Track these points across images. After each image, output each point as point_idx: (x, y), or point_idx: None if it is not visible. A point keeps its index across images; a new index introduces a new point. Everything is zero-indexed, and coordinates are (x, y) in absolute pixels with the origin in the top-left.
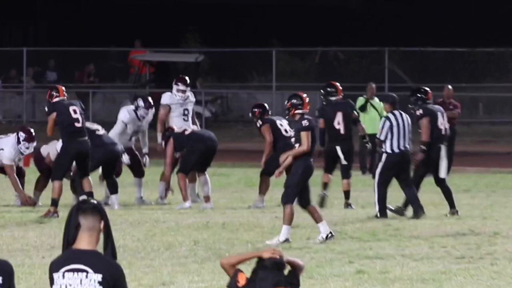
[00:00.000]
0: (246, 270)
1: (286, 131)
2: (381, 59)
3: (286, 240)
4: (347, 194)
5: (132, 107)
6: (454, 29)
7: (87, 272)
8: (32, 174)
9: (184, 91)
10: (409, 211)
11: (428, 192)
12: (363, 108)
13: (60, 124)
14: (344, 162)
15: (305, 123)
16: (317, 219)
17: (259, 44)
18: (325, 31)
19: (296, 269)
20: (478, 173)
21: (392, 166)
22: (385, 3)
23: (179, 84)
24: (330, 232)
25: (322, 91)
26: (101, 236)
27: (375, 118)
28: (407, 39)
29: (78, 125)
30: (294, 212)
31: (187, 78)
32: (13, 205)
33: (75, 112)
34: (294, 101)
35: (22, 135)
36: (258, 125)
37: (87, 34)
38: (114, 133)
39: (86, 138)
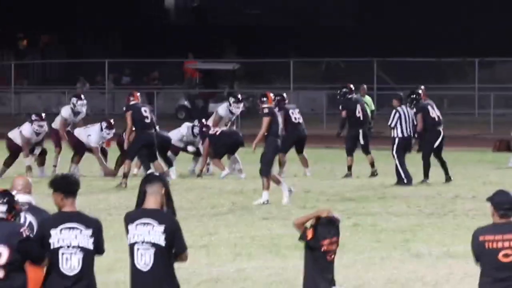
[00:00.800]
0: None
1: (295, 118)
2: (371, 66)
3: (267, 202)
4: (372, 164)
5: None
6: (425, 43)
7: (153, 225)
8: (113, 153)
9: (238, 109)
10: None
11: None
12: None
13: (134, 119)
14: (362, 142)
15: (265, 111)
16: (277, 182)
17: (280, 56)
18: (329, 45)
19: (337, 223)
20: (446, 151)
21: (404, 146)
22: (374, 23)
23: (239, 104)
24: (290, 189)
25: (340, 91)
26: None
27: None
28: (390, 51)
29: (147, 121)
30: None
31: (242, 100)
32: (98, 176)
33: (145, 111)
34: (262, 99)
35: (104, 124)
36: (265, 111)
37: (152, 48)
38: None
39: (153, 131)
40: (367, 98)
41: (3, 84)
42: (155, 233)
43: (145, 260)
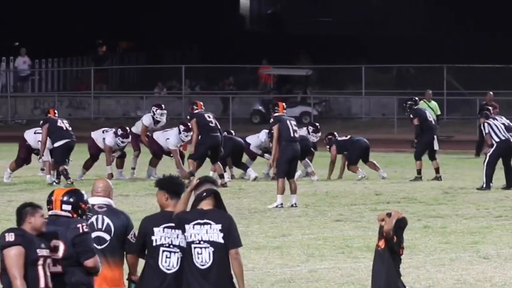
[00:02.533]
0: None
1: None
2: (441, 72)
3: (281, 205)
4: (437, 170)
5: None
6: (494, 49)
7: (210, 224)
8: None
9: (163, 117)
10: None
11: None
12: None
13: (199, 125)
14: (436, 147)
15: (272, 119)
16: (293, 190)
17: (353, 62)
18: (399, 52)
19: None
20: None
21: (500, 152)
22: (443, 30)
23: (162, 113)
24: (295, 203)
25: (406, 104)
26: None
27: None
28: (460, 57)
29: (211, 125)
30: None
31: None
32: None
33: (209, 117)
34: (275, 108)
35: (182, 127)
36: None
37: (228, 54)
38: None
39: (218, 134)
40: (433, 103)
41: (84, 89)
42: (213, 231)
43: (203, 258)
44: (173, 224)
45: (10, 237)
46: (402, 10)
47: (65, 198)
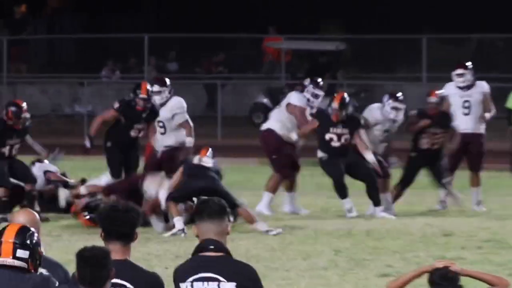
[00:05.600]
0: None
1: None
2: None
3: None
4: None
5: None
6: None
7: (219, 281)
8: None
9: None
10: None
11: None
12: None
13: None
14: None
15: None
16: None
17: (408, 31)
18: (482, 15)
19: (491, 284)
20: None
21: None
22: None
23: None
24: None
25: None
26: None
27: None
28: None
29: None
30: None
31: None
32: None
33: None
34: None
35: None
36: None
37: (214, 19)
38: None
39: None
40: None
41: None
42: None
43: None
44: None
45: None
46: None
47: (19, 241)
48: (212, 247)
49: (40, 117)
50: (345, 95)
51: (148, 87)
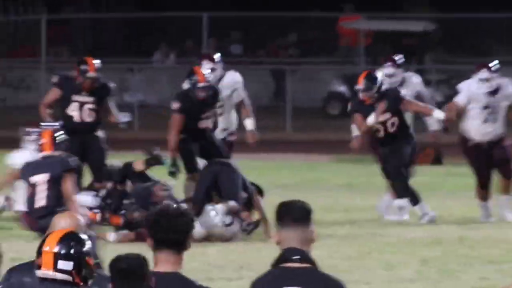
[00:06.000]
0: None
1: None
2: None
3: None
4: None
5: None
6: None
7: None
8: None
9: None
10: None
11: None
12: None
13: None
14: None
15: None
16: None
17: (508, 7)
18: None
19: None
20: None
21: None
22: None
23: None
24: None
25: None
26: None
27: None
28: None
29: None
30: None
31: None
32: None
33: None
34: None
35: None
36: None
37: None
38: None
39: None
40: None
41: (29, 55)
42: None
43: None
44: None
45: None
46: None
47: (61, 250)
48: (296, 257)
49: None
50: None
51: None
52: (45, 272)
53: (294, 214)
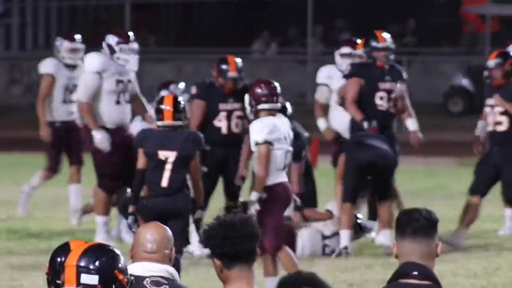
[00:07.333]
0: None
1: None
2: None
3: None
4: None
5: None
6: None
7: None
8: None
9: None
10: None
11: None
12: None
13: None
14: None
15: None
16: None
17: None
18: None
19: None
20: None
21: None
22: None
23: None
24: None
25: None
26: None
27: None
28: None
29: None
30: None
31: None
32: None
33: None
34: None
35: None
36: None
37: None
38: None
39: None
40: None
41: None
42: None
43: None
44: None
45: None
46: None
47: (84, 263)
48: (416, 273)
49: None
50: None
51: None
52: None
53: (416, 225)
